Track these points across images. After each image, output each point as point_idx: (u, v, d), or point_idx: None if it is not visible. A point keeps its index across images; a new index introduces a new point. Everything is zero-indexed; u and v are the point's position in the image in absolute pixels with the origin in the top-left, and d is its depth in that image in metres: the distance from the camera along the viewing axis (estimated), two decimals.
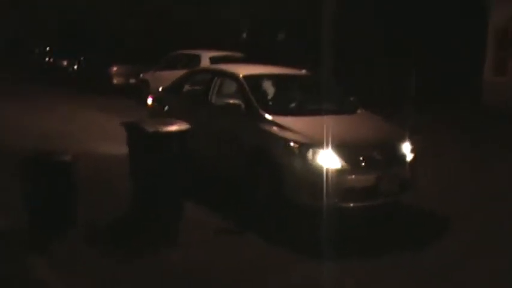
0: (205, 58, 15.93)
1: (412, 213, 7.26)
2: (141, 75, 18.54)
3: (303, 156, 6.41)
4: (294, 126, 6.85)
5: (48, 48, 29.56)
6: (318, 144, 6.38)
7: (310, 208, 6.47)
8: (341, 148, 6.40)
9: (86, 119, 14.80)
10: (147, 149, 6.26)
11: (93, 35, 29.06)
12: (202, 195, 7.47)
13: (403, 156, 6.99)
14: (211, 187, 8.02)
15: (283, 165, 6.54)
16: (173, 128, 6.40)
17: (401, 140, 7.11)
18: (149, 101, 10.32)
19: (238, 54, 16.73)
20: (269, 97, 8.32)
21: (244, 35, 29.97)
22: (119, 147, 8.09)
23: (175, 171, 6.39)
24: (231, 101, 7.66)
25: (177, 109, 8.97)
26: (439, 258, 5.78)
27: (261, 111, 7.27)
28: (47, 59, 27.20)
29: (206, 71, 10.15)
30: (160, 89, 10.22)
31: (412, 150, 7.11)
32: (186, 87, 9.60)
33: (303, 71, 9.16)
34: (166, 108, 9.34)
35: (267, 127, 7.00)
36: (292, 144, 6.56)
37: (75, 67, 24.09)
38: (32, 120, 14.12)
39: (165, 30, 27.11)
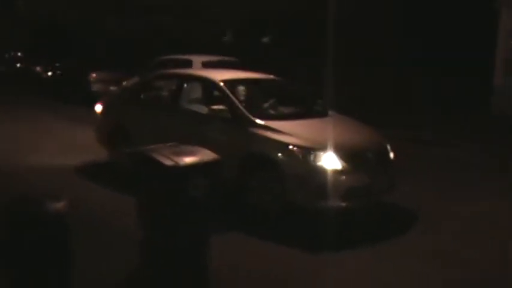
0: (198, 63, 14.34)
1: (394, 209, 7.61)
2: (125, 82, 16.90)
3: (306, 160, 6.53)
4: (287, 130, 6.87)
5: (19, 54, 27.58)
6: (320, 147, 6.55)
7: (314, 208, 6.65)
8: (341, 150, 6.61)
9: (60, 131, 13.21)
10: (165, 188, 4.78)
11: (69, 39, 27.31)
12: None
13: (389, 157, 7.36)
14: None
15: (285, 169, 6.57)
16: (198, 158, 4.92)
17: (386, 141, 7.49)
18: (98, 108, 9.33)
19: (232, 59, 15.26)
20: (249, 102, 8.02)
21: (226, 37, 28.52)
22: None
23: (203, 213, 4.94)
24: (214, 107, 7.56)
25: (136, 117, 8.59)
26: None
27: (251, 117, 7.13)
28: (18, 64, 25.17)
29: (173, 75, 9.14)
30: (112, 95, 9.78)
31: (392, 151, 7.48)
32: (144, 93, 9.11)
33: (271, 76, 8.96)
34: (121, 115, 8.87)
35: (261, 132, 6.92)
36: (293, 148, 6.61)
37: (50, 73, 22.23)
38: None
39: (145, 33, 25.56)
